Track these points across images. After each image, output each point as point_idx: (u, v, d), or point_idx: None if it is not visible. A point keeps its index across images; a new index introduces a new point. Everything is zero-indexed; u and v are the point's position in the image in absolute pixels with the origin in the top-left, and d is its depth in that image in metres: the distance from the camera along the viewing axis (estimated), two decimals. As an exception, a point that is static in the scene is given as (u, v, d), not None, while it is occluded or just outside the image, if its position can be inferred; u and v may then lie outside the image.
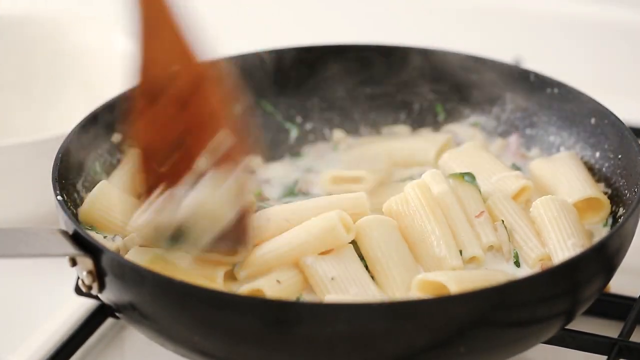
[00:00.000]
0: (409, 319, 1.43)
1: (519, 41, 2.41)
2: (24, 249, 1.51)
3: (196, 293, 1.46)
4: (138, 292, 1.51)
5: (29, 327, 1.79)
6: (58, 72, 2.21)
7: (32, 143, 1.87)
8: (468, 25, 2.48)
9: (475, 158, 1.79)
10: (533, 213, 1.67)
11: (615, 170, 1.75)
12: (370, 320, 1.42)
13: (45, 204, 1.79)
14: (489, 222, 1.66)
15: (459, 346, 1.47)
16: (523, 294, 1.47)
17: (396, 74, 1.95)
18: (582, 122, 1.82)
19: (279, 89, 1.94)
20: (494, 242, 1.63)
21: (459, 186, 1.69)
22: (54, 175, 1.65)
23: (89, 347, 1.76)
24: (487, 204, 1.68)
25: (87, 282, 1.55)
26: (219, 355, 1.51)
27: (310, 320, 1.44)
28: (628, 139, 1.72)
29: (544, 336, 1.56)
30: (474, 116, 1.94)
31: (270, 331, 1.45)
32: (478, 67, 1.91)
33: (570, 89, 1.84)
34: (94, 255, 1.53)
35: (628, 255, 1.63)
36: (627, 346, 1.62)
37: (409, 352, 1.46)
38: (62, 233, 1.57)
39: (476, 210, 1.66)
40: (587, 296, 1.56)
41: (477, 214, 1.66)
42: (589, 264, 1.52)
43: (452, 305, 1.44)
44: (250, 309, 1.45)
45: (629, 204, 1.63)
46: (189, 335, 1.50)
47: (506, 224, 1.66)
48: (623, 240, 1.57)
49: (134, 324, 1.58)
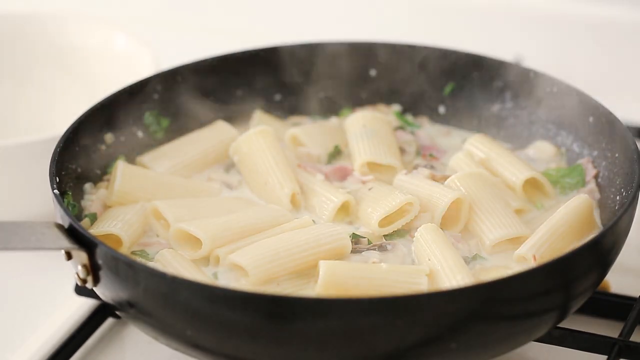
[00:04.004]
0: (399, 314, 1.43)
1: (520, 40, 2.41)
2: (18, 242, 1.52)
3: (189, 286, 1.47)
4: (131, 286, 1.51)
5: (29, 327, 1.79)
6: (59, 72, 2.22)
7: (32, 143, 1.88)
8: (468, 25, 2.48)
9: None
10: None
11: (612, 168, 1.75)
12: (361, 315, 1.42)
13: (46, 204, 1.79)
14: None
15: (450, 342, 1.46)
16: (515, 289, 1.47)
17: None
18: (581, 121, 1.82)
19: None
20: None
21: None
22: (51, 170, 1.66)
23: (89, 347, 1.76)
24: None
25: (82, 275, 1.56)
26: (211, 349, 1.51)
27: (302, 315, 1.44)
28: (625, 138, 1.72)
29: (537, 333, 1.56)
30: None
31: (262, 325, 1.45)
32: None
33: (569, 87, 1.84)
34: (88, 249, 1.54)
35: (628, 255, 1.63)
36: (627, 346, 1.62)
37: (401, 347, 1.46)
38: (57, 227, 1.57)
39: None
40: (579, 292, 1.55)
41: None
42: (581, 260, 1.52)
43: (443, 301, 1.44)
44: (243, 302, 1.45)
45: (624, 202, 1.62)
46: (182, 328, 1.50)
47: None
48: (617, 237, 1.57)
49: (128, 318, 1.58)
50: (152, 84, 1.89)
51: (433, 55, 1.95)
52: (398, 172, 1.80)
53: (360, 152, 1.82)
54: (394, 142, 1.86)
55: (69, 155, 1.74)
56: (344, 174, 1.83)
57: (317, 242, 1.63)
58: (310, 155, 1.86)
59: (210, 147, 1.87)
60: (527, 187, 1.78)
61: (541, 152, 1.87)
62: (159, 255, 1.65)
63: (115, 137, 1.84)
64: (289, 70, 1.96)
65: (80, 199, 1.76)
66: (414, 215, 1.70)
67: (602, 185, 1.77)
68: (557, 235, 1.65)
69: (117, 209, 1.74)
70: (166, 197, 1.76)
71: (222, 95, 1.94)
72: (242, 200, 1.79)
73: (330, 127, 1.93)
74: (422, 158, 1.87)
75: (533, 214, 1.75)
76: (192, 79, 1.92)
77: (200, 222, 1.68)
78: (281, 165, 1.79)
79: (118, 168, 1.78)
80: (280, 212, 1.73)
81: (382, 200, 1.72)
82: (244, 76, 1.96)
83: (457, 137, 1.94)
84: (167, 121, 1.90)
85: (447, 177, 1.76)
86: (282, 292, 1.58)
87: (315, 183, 1.78)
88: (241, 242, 1.66)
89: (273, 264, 1.60)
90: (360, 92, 1.98)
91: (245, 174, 1.83)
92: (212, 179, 1.84)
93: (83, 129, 1.78)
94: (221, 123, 1.92)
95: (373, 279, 1.57)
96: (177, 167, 1.84)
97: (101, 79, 2.17)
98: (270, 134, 1.82)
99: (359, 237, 1.69)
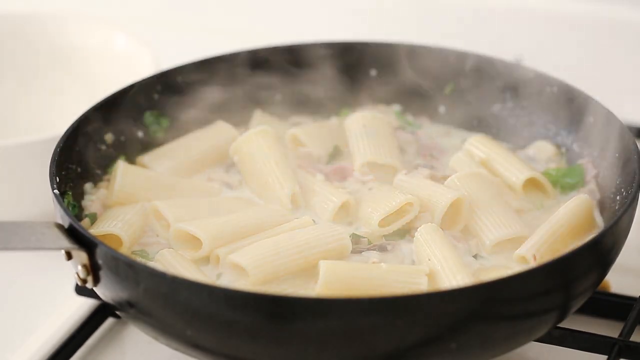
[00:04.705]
0: (399, 314, 1.43)
1: (520, 40, 2.41)
2: (18, 242, 1.52)
3: (189, 286, 1.47)
4: (131, 286, 1.51)
5: (29, 327, 1.79)
6: (59, 72, 2.22)
7: (32, 143, 1.88)
8: (468, 25, 2.48)
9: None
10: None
11: (612, 168, 1.75)
12: (361, 315, 1.42)
13: (46, 204, 1.79)
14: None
15: (450, 342, 1.46)
16: (515, 289, 1.47)
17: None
18: (581, 121, 1.82)
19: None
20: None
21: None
22: (51, 170, 1.67)
23: (89, 347, 1.76)
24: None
25: (82, 275, 1.56)
26: (211, 349, 1.51)
27: (302, 315, 1.44)
28: (625, 138, 1.72)
29: (537, 333, 1.56)
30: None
31: (262, 325, 1.45)
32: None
33: (570, 87, 1.84)
34: (88, 249, 1.54)
35: (628, 255, 1.63)
36: (627, 346, 1.62)
37: (401, 347, 1.46)
38: (57, 227, 1.57)
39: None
40: (579, 293, 1.55)
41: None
42: (581, 260, 1.52)
43: (443, 301, 1.44)
44: (243, 302, 1.45)
45: (624, 202, 1.62)
46: (182, 329, 1.50)
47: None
48: (617, 237, 1.57)
49: (128, 318, 1.58)
50: (152, 83, 1.89)
51: (433, 55, 1.95)
52: (398, 172, 1.80)
53: (360, 152, 1.82)
54: (394, 142, 1.86)
55: (69, 155, 1.74)
56: (344, 174, 1.83)
57: (317, 242, 1.63)
58: (310, 155, 1.86)
59: (210, 147, 1.88)
60: (527, 187, 1.78)
61: (541, 152, 1.87)
62: (159, 255, 1.65)
63: (115, 137, 1.84)
64: (289, 70, 1.96)
65: (80, 199, 1.76)
66: (414, 215, 1.70)
67: (602, 185, 1.76)
68: (557, 235, 1.65)
69: (117, 209, 1.74)
70: (166, 197, 1.76)
71: (222, 95, 1.94)
72: (242, 200, 1.79)
73: (330, 127, 1.93)
74: (422, 158, 1.87)
75: (533, 214, 1.75)
76: (192, 78, 1.92)
77: (200, 222, 1.68)
78: (281, 165, 1.79)
79: (118, 168, 1.78)
80: (280, 212, 1.73)
81: (382, 200, 1.72)
82: (244, 76, 1.95)
83: (457, 137, 1.93)
84: (167, 121, 1.90)
85: (447, 177, 1.76)
86: (282, 292, 1.58)
87: (315, 183, 1.78)
88: (241, 242, 1.66)
89: (273, 264, 1.60)
90: (360, 92, 1.98)
91: (245, 174, 1.83)
92: (212, 179, 1.84)
93: (83, 129, 1.78)
94: (221, 123, 1.92)
95: (373, 279, 1.57)
96: (177, 167, 1.84)
97: (101, 79, 2.17)
98: (270, 134, 1.82)
99: (359, 237, 1.69)
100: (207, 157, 1.87)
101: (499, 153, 1.82)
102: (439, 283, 1.59)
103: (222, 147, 1.87)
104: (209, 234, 1.66)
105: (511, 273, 1.49)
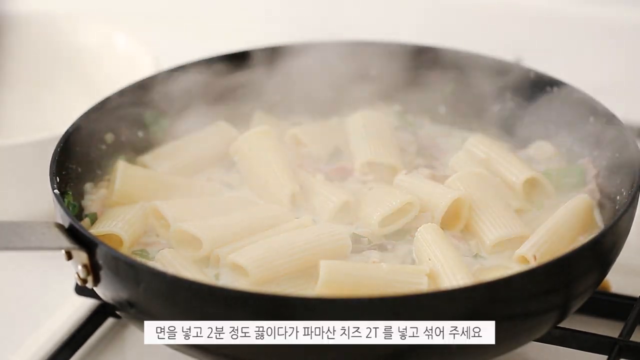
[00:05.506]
0: (399, 314, 1.43)
1: (520, 40, 2.41)
2: (19, 242, 1.52)
3: (189, 286, 1.47)
4: (131, 286, 1.51)
5: (29, 327, 1.79)
6: (59, 72, 2.22)
7: (32, 143, 1.88)
8: (468, 25, 2.48)
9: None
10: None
11: (612, 168, 1.75)
12: (361, 315, 1.43)
13: (46, 204, 1.79)
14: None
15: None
16: (515, 289, 1.47)
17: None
18: (581, 121, 1.82)
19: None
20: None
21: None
22: (51, 170, 1.67)
23: (89, 347, 1.76)
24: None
25: (82, 275, 1.56)
26: (212, 349, 1.51)
27: (302, 315, 1.44)
28: (626, 138, 1.72)
29: (537, 333, 1.56)
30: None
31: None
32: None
33: (570, 87, 1.84)
34: (88, 249, 1.54)
35: (628, 255, 1.63)
36: (627, 346, 1.62)
37: (401, 347, 1.45)
38: (57, 226, 1.57)
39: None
40: (580, 292, 1.55)
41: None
42: (581, 260, 1.52)
43: (443, 301, 1.44)
44: (243, 302, 1.45)
45: (624, 202, 1.62)
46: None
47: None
48: (617, 237, 1.57)
49: (128, 318, 1.58)
50: (152, 84, 1.89)
51: (433, 55, 1.95)
52: (398, 172, 1.80)
53: (360, 152, 1.82)
54: (394, 142, 1.86)
55: (69, 155, 1.74)
56: (344, 173, 1.83)
57: (318, 242, 1.63)
58: (310, 155, 1.86)
59: (210, 147, 1.88)
60: (527, 187, 1.78)
61: (541, 152, 1.87)
62: (159, 255, 1.65)
63: (115, 137, 1.84)
64: (289, 69, 1.96)
65: (81, 199, 1.76)
66: (414, 215, 1.70)
67: (602, 185, 1.76)
68: (557, 235, 1.65)
69: (117, 209, 1.74)
70: (166, 197, 1.76)
71: (222, 95, 1.94)
72: (242, 200, 1.79)
73: (330, 127, 1.93)
74: (422, 158, 1.87)
75: (533, 214, 1.75)
76: (192, 78, 1.92)
77: (200, 222, 1.68)
78: (281, 165, 1.79)
79: (118, 168, 1.78)
80: (280, 212, 1.73)
81: (382, 200, 1.72)
82: (244, 76, 1.95)
83: (457, 137, 1.93)
84: (167, 121, 1.90)
85: (448, 177, 1.77)
86: (282, 292, 1.58)
87: (315, 183, 1.78)
88: (241, 242, 1.66)
89: (273, 264, 1.60)
90: (360, 92, 1.98)
91: (245, 173, 1.83)
92: (212, 179, 1.84)
93: (83, 128, 1.78)
94: (221, 123, 1.92)
95: (373, 279, 1.57)
96: (177, 167, 1.84)
97: (101, 79, 2.17)
98: (270, 134, 1.82)
99: (359, 236, 1.69)
100: (207, 157, 1.87)
101: (499, 153, 1.82)
102: (439, 283, 1.59)
103: (222, 147, 1.87)
104: (209, 234, 1.66)
105: (511, 273, 1.49)
